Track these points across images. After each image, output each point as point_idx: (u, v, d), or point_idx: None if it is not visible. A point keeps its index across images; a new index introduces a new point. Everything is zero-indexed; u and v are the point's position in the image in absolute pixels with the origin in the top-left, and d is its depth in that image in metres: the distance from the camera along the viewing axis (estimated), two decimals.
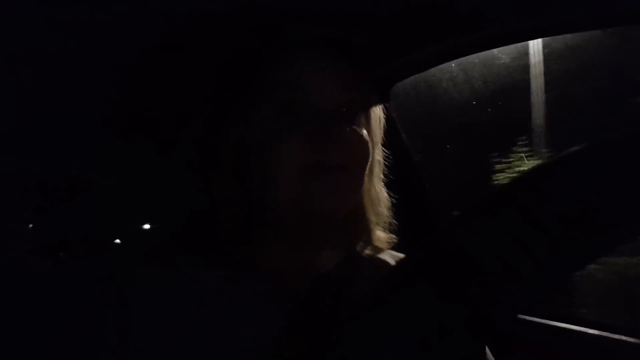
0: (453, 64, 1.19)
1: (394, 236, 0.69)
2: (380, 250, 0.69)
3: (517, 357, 0.99)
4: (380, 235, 0.68)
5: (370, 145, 0.60)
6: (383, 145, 0.68)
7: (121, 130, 0.95)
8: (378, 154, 0.66)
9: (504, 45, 0.90)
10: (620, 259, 1.66)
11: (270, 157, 0.55)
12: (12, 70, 0.76)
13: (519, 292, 0.34)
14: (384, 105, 0.70)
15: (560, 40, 1.48)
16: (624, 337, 0.87)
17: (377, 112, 0.66)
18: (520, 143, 1.98)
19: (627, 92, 1.53)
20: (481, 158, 2.11)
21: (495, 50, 0.95)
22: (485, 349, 0.63)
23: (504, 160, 1.98)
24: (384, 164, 0.69)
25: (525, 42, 1.44)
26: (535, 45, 1.73)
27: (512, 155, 1.98)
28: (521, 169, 1.88)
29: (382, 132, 0.67)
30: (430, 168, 1.30)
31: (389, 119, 0.73)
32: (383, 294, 0.35)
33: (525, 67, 1.89)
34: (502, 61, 1.48)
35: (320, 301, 0.57)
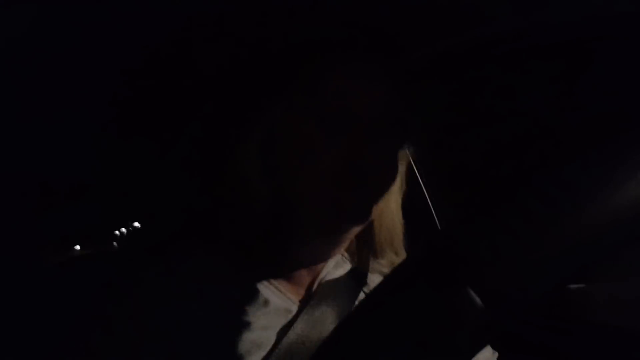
0: None
1: (404, 254, 0.69)
2: (390, 266, 0.69)
3: (519, 357, 0.99)
4: (393, 252, 0.68)
5: (400, 166, 0.61)
6: None
7: (125, 128, 0.95)
8: (404, 174, 0.67)
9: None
10: None
11: (303, 161, 0.56)
12: (12, 70, 0.76)
13: (521, 292, 0.34)
14: None
15: None
16: (624, 337, 0.88)
17: (414, 133, 0.67)
18: None
19: None
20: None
21: None
22: (485, 349, 0.64)
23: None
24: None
25: None
26: None
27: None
28: None
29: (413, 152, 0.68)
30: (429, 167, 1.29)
31: None
32: (383, 295, 0.36)
33: None
34: None
35: (323, 306, 0.58)
